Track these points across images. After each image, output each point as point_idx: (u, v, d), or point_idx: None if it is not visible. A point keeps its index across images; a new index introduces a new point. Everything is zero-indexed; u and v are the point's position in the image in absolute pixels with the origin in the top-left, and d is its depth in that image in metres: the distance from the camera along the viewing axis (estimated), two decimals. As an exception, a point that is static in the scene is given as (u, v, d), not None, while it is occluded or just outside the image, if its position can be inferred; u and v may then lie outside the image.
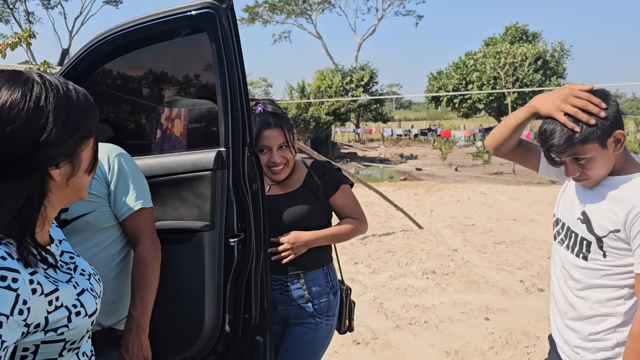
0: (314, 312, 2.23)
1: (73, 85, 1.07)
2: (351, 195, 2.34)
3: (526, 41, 29.84)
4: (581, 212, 1.73)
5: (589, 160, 1.61)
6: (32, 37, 5.77)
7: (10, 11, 35.87)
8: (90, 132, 1.08)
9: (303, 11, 43.01)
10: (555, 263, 1.87)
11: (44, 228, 1.09)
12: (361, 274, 6.06)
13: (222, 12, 1.91)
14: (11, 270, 0.95)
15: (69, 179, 1.07)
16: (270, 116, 2.21)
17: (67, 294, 1.07)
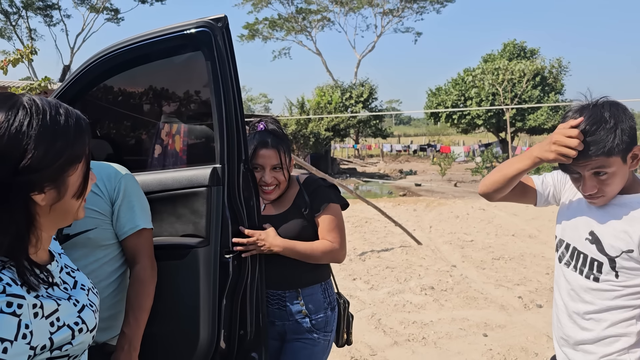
0: (311, 327, 2.23)
1: (65, 109, 1.07)
2: (334, 216, 2.23)
3: (524, 58, 30.02)
4: (589, 232, 1.69)
5: (610, 175, 1.58)
6: (33, 54, 5.82)
7: (13, 28, 36.17)
8: (78, 157, 1.07)
9: (303, 28, 43.37)
10: (560, 286, 1.82)
11: (40, 248, 1.10)
12: (360, 290, 6.05)
13: (217, 31, 1.94)
14: (17, 297, 0.98)
15: (55, 203, 1.07)
16: (269, 136, 2.22)
17: (67, 312, 1.09)
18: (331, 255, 2.21)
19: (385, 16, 42.91)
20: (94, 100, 2.28)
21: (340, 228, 2.25)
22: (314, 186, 2.28)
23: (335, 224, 2.23)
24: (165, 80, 2.25)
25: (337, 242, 2.21)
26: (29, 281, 1.02)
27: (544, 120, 27.39)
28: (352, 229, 9.83)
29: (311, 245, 2.19)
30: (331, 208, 2.24)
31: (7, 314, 0.96)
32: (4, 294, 0.97)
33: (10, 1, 35.10)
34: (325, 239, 2.21)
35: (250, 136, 2.23)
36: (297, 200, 2.26)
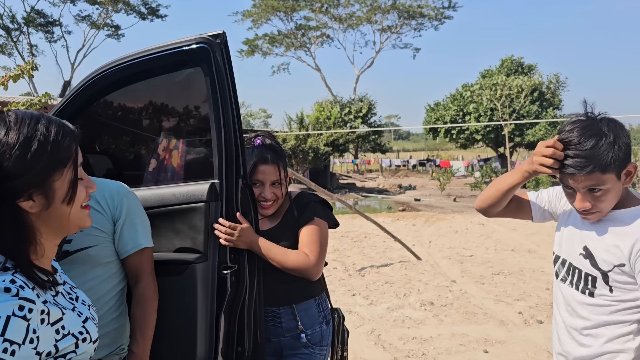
0: (307, 342, 2.21)
1: (47, 119, 1.11)
2: (317, 230, 2.19)
3: (522, 73, 30.19)
4: (583, 247, 1.70)
5: (604, 192, 1.58)
6: (34, 70, 5.85)
7: (14, 44, 36.37)
8: (62, 161, 1.10)
9: (302, 44, 43.66)
10: (558, 302, 1.82)
11: (43, 257, 1.12)
12: (359, 306, 6.02)
13: (216, 47, 1.95)
14: (28, 301, 1.01)
15: (46, 210, 1.09)
16: (268, 152, 2.21)
17: (72, 322, 1.13)
18: (303, 268, 2.13)
19: (383, 33, 43.24)
20: (94, 116, 2.29)
21: (321, 243, 2.19)
22: (304, 202, 2.27)
23: (316, 237, 2.18)
24: (165, 95, 2.26)
25: (313, 256, 2.15)
26: (39, 282, 1.06)
27: (543, 135, 27.47)
28: (351, 244, 9.81)
29: (285, 252, 2.13)
30: (315, 222, 2.21)
31: (18, 317, 0.98)
32: (17, 296, 1.00)
33: (11, 17, 35.36)
34: (303, 250, 2.16)
35: (249, 151, 2.22)
36: (287, 216, 2.25)
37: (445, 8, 41.37)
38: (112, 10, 38.17)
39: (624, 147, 1.56)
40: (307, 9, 41.16)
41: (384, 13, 41.25)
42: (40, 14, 36.92)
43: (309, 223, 2.20)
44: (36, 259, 1.10)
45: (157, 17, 39.70)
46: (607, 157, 1.54)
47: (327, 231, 2.26)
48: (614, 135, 1.56)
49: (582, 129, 1.58)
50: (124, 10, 38.57)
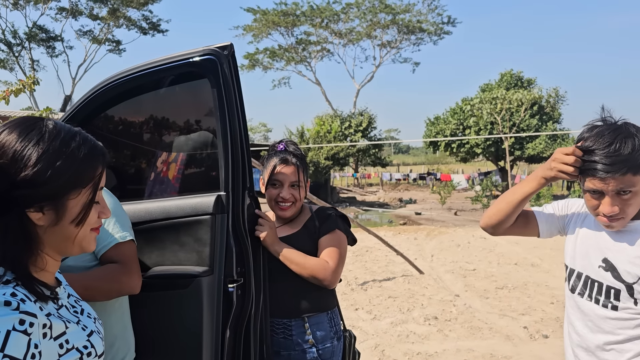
0: (317, 357, 2.17)
1: (83, 137, 1.11)
2: (337, 241, 2.22)
3: (521, 87, 30.28)
4: (602, 259, 1.66)
5: (633, 194, 1.56)
6: (35, 84, 5.85)
7: (16, 59, 36.55)
8: (81, 182, 1.09)
9: (302, 59, 43.87)
10: (574, 318, 1.76)
11: (44, 270, 1.10)
12: (362, 320, 5.96)
13: (223, 59, 1.94)
14: (30, 315, 0.99)
15: (54, 226, 1.08)
16: (289, 154, 2.26)
17: (76, 336, 1.10)
18: (322, 274, 2.12)
19: (383, 48, 43.46)
20: (100, 128, 2.27)
21: (340, 253, 2.21)
22: (325, 214, 2.29)
23: (336, 247, 2.20)
24: (172, 107, 2.24)
25: (333, 263, 2.15)
26: (40, 295, 1.04)
27: (543, 149, 27.48)
28: (353, 258, 9.75)
29: (305, 258, 2.15)
30: (336, 233, 2.24)
31: (19, 332, 0.96)
32: (18, 310, 0.97)
33: (13, 33, 35.58)
34: (323, 258, 2.18)
35: (271, 154, 2.28)
36: (308, 225, 2.26)
37: (444, 24, 41.67)
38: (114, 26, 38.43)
39: None
40: (308, 24, 41.42)
41: (384, 28, 41.51)
42: (42, 29, 37.16)
43: (330, 233, 2.22)
44: (37, 271, 1.08)
45: (158, 31, 39.95)
46: (639, 158, 1.52)
47: (346, 244, 2.28)
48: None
49: (612, 132, 1.56)
50: (125, 26, 38.83)
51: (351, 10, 40.61)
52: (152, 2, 37.62)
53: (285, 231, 2.26)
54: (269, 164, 2.25)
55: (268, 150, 2.36)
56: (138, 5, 36.96)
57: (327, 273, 2.14)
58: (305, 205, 2.36)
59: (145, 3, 37.20)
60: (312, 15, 40.38)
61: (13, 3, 34.23)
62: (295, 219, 2.30)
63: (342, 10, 40.50)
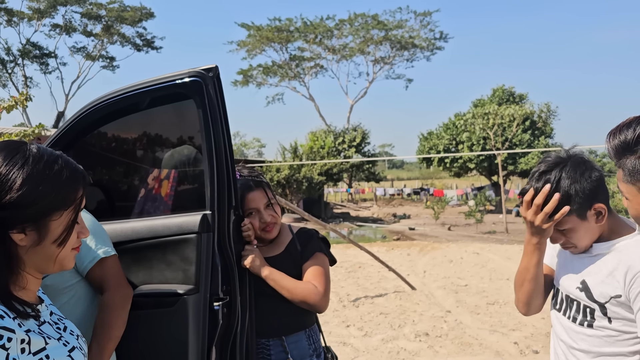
0: None
1: (65, 161, 1.15)
2: (321, 264, 2.24)
3: (513, 102, 30.53)
4: (580, 280, 1.70)
5: (569, 230, 1.66)
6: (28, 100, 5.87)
7: (9, 76, 36.58)
8: (63, 204, 1.13)
9: (296, 75, 44.14)
10: (557, 334, 1.81)
11: (25, 288, 1.13)
12: (353, 337, 5.95)
13: (208, 80, 1.98)
14: (7, 330, 1.01)
15: (36, 246, 1.11)
16: (249, 180, 2.26)
17: (57, 351, 1.12)
18: (313, 299, 2.14)
19: (376, 64, 43.82)
20: (87, 147, 2.30)
21: (327, 277, 2.23)
22: (306, 236, 2.30)
23: (321, 271, 2.22)
24: (157, 127, 2.28)
25: (321, 288, 2.17)
26: (19, 312, 1.06)
27: (535, 164, 27.63)
28: (345, 274, 9.75)
29: (295, 282, 2.16)
30: (319, 257, 2.26)
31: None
32: None
33: (7, 50, 35.64)
34: (311, 282, 2.19)
35: None
36: (290, 247, 2.28)
37: (437, 39, 42.13)
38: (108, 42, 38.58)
39: (581, 190, 1.61)
40: (301, 39, 41.76)
41: (377, 44, 41.90)
42: (36, 46, 37.27)
43: (313, 257, 2.24)
44: (18, 290, 1.11)
45: (152, 48, 40.15)
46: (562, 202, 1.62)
47: (328, 266, 2.29)
48: (571, 181, 1.62)
49: (540, 173, 1.69)
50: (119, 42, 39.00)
51: (344, 27, 41.01)
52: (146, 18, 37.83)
53: (268, 252, 2.27)
54: None
55: None
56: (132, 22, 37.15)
57: (318, 298, 2.16)
58: (285, 225, 2.37)
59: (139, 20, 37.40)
60: (306, 31, 40.74)
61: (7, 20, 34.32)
62: (277, 239, 2.31)
63: (336, 26, 40.89)
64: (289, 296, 2.15)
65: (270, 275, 2.15)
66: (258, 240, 2.24)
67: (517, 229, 18.40)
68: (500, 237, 16.74)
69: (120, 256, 2.06)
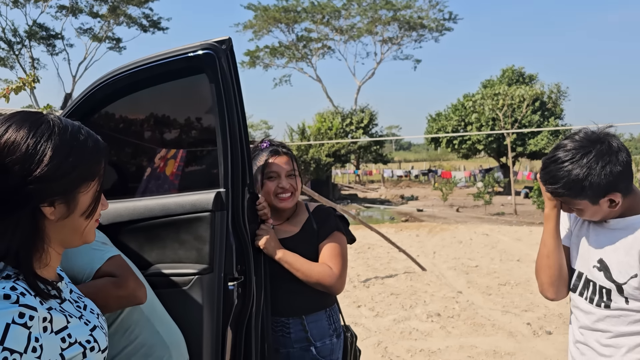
0: (316, 355, 2.16)
1: (87, 131, 1.12)
2: (338, 244, 2.20)
3: (523, 83, 30.18)
4: (597, 259, 1.66)
5: (580, 210, 1.63)
6: (36, 82, 5.83)
7: (16, 57, 36.51)
8: (90, 175, 1.11)
9: (303, 56, 43.78)
10: (577, 316, 1.77)
11: (48, 265, 1.11)
12: (364, 318, 5.94)
13: (221, 53, 1.91)
14: (29, 308, 0.99)
15: (64, 219, 1.09)
16: (279, 146, 2.26)
17: (79, 330, 1.10)
18: (328, 281, 2.12)
19: (384, 44, 43.36)
20: (98, 125, 2.25)
21: (343, 257, 2.19)
22: (323, 215, 2.26)
23: (338, 251, 2.19)
24: (169, 103, 2.21)
25: (336, 269, 2.15)
26: (41, 291, 1.04)
27: (545, 145, 27.42)
28: (355, 255, 9.74)
29: (310, 265, 2.13)
30: (336, 236, 2.21)
31: (18, 324, 0.96)
32: (17, 303, 0.97)
33: (13, 31, 35.54)
34: (326, 264, 2.15)
35: (258, 152, 2.27)
36: (306, 226, 2.23)
37: (446, 20, 41.55)
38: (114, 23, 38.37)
39: (597, 184, 1.53)
40: (308, 20, 41.32)
41: (385, 25, 41.40)
42: (42, 28, 37.10)
43: (330, 236, 2.20)
44: (40, 267, 1.08)
45: (159, 29, 39.86)
46: (579, 185, 1.55)
47: (346, 245, 2.25)
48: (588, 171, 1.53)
49: (568, 151, 1.59)
50: (125, 23, 38.75)
51: (352, 7, 40.52)
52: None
53: (285, 230, 2.23)
54: (260, 160, 2.22)
55: (252, 151, 2.31)
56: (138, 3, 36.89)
57: (333, 280, 2.13)
58: (302, 203, 2.33)
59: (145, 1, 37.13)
60: (313, 11, 40.29)
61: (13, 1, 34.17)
62: (293, 217, 2.27)
63: (343, 6, 40.41)
64: (303, 278, 2.12)
65: (283, 258, 2.11)
66: (272, 213, 2.20)
67: (526, 211, 18.32)
68: (509, 218, 16.68)
69: (133, 235, 2.02)
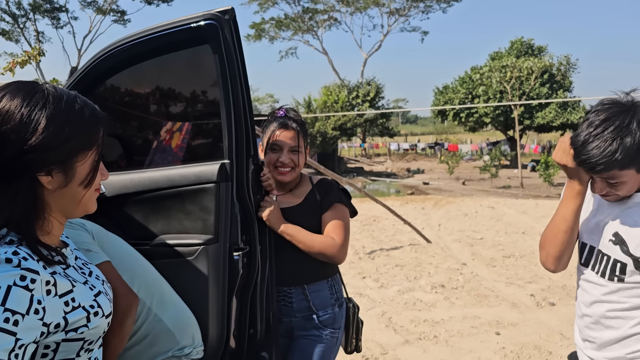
0: (318, 324, 2.19)
1: (83, 100, 1.12)
2: (341, 215, 2.21)
3: (532, 55, 29.77)
4: (613, 233, 1.63)
5: (621, 183, 1.53)
6: (41, 55, 5.81)
7: (21, 31, 36.32)
8: (88, 144, 1.10)
9: (309, 28, 43.31)
10: (585, 289, 1.74)
11: (50, 233, 1.12)
12: (369, 289, 6.00)
13: (224, 24, 1.90)
14: (31, 271, 1.00)
15: (63, 188, 1.09)
16: (289, 120, 2.23)
17: (83, 295, 1.12)
18: (330, 251, 2.14)
19: (391, 16, 42.78)
20: (101, 97, 2.25)
21: (345, 228, 2.21)
22: (326, 187, 2.27)
23: (341, 222, 2.20)
24: (173, 75, 2.21)
25: (339, 239, 2.16)
26: (43, 256, 1.05)
27: (553, 118, 27.19)
28: (361, 227, 9.79)
29: (312, 236, 2.15)
30: (339, 208, 2.23)
31: (19, 287, 0.97)
32: (19, 267, 0.99)
33: (17, 4, 35.28)
34: (329, 235, 2.17)
35: (270, 120, 2.26)
36: (309, 197, 2.25)
37: (454, -11, 40.84)
38: (118, -5, 37.95)
39: None
40: (314, -9, 40.77)
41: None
42: (47, 0, 36.80)
43: (332, 208, 2.21)
44: (42, 234, 1.10)
45: (163, 1, 39.45)
46: (621, 156, 1.45)
47: (349, 217, 2.26)
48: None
49: (604, 124, 1.48)
50: (129, -5, 38.31)
51: (358, -23, 39.86)
52: (156, -29, 37.07)
53: (287, 201, 2.24)
54: (269, 129, 2.23)
55: (268, 115, 2.33)
56: (142, -26, 36.45)
57: (335, 250, 2.15)
58: (306, 176, 2.34)
59: (149, -28, 36.67)
60: (319, -18, 39.69)
61: (16, -27, 33.86)
62: (297, 189, 2.28)
63: (349, -23, 39.77)
64: (305, 249, 2.14)
65: (286, 230, 2.13)
66: (276, 184, 2.21)
67: (533, 184, 18.28)
68: (515, 191, 16.66)
69: (138, 206, 2.04)
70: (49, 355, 1.07)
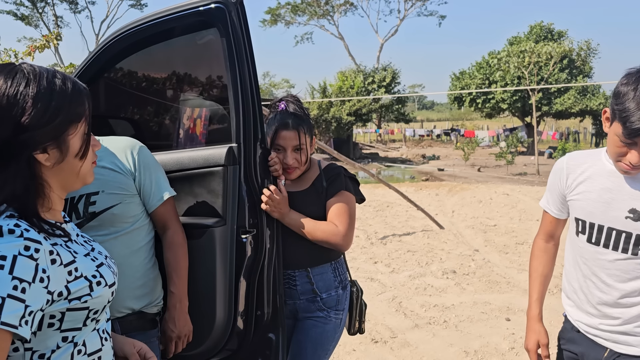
0: (322, 305, 2.22)
1: (62, 75, 1.13)
2: (344, 202, 2.21)
3: (551, 40, 29.25)
4: (629, 209, 1.65)
5: None
6: (59, 39, 5.87)
7: (40, 15, 36.63)
8: (77, 117, 1.13)
9: (325, 13, 43.00)
10: (586, 259, 1.79)
11: (51, 209, 1.15)
12: (381, 273, 6.03)
13: (232, 7, 1.91)
14: (34, 241, 1.03)
15: (60, 163, 1.12)
16: (290, 117, 2.20)
17: (85, 265, 1.15)
18: (333, 239, 2.15)
19: (408, 0, 42.30)
20: (109, 82, 2.28)
21: (350, 215, 2.20)
22: (333, 173, 2.25)
23: (345, 209, 2.20)
24: (180, 59, 2.23)
25: (343, 227, 2.17)
26: (44, 230, 1.08)
27: (571, 104, 26.77)
28: (374, 213, 9.80)
29: (315, 223, 2.16)
30: (344, 195, 2.22)
31: (24, 256, 1.01)
32: (22, 237, 1.02)
33: (36, -11, 35.52)
34: (332, 222, 2.18)
35: (272, 116, 2.23)
36: (316, 183, 2.25)
37: (472, -27, 40.17)
38: (135, -20, 38.03)
39: None
40: (330, -25, 40.41)
41: (409, -21, 40.28)
42: (64, -15, 36.99)
43: (337, 195, 2.21)
44: (43, 211, 1.12)
45: (179, -14, 39.42)
46: None
47: (355, 205, 2.26)
48: None
49: None
50: (146, -21, 38.40)
51: (375, -39, 39.37)
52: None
53: (294, 187, 2.25)
54: (271, 128, 2.19)
55: (270, 108, 2.31)
56: (158, -42, 36.42)
57: (339, 238, 2.16)
58: (314, 160, 2.32)
59: (165, -44, 36.64)
60: (335, -34, 39.32)
61: (34, -42, 34.03)
62: (304, 174, 2.28)
63: (366, -40, 39.27)
64: (309, 237, 2.16)
65: (291, 221, 2.14)
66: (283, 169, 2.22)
67: (549, 171, 18.07)
68: (532, 178, 16.50)
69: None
70: (55, 325, 1.10)
